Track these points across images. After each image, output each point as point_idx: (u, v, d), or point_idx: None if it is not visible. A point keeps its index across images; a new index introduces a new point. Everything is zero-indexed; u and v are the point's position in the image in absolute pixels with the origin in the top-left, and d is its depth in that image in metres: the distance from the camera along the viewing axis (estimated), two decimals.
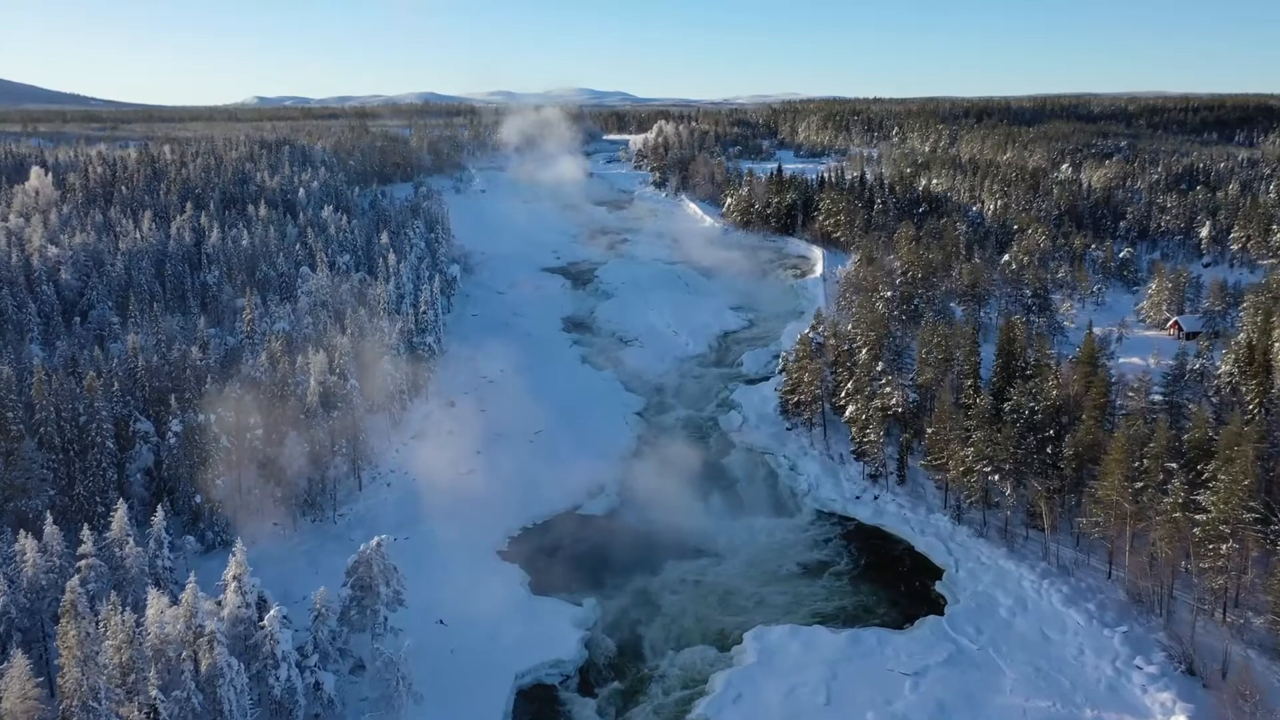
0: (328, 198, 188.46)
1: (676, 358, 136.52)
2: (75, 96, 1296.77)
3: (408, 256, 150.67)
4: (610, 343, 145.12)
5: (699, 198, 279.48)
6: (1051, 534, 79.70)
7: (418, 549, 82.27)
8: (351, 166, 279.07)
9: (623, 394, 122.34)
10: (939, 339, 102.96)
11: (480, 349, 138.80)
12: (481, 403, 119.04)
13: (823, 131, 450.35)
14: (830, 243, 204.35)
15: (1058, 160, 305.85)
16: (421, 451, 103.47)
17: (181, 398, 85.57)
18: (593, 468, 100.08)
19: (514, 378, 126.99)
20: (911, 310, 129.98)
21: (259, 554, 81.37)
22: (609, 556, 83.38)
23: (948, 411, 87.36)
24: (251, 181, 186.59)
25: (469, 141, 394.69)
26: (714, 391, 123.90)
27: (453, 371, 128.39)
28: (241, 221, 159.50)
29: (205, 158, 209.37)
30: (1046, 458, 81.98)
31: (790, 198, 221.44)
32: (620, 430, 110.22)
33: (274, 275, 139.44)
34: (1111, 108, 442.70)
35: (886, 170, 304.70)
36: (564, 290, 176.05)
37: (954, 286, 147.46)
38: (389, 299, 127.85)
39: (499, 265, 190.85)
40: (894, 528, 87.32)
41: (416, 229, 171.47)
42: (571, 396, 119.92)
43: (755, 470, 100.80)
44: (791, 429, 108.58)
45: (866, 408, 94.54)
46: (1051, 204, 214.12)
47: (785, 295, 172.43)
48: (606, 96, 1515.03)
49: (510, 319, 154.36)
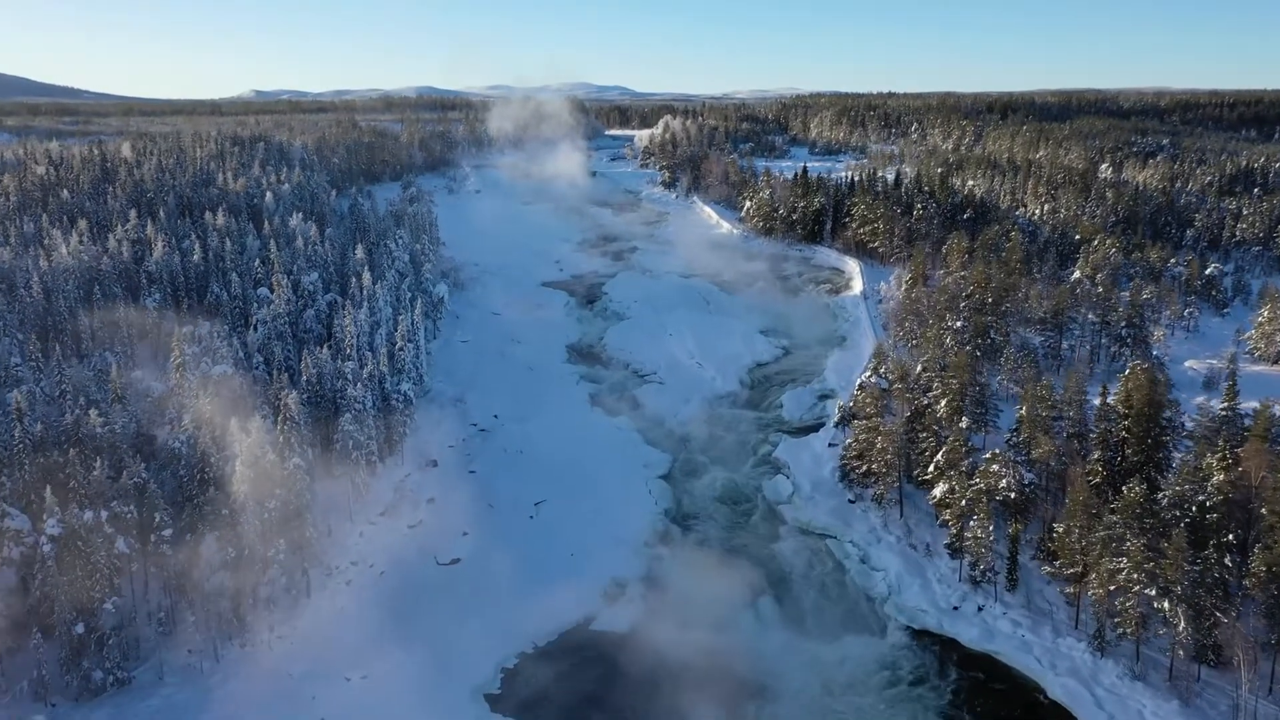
0: (301, 202, 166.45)
1: (703, 398, 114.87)
2: (69, 90, 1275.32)
3: (386, 274, 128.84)
4: (624, 377, 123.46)
5: (713, 199, 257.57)
6: (1249, 683, 58.19)
7: (379, 699, 60.86)
8: (335, 165, 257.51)
9: (642, 448, 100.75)
10: (1043, 393, 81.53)
11: (471, 387, 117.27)
12: (470, 459, 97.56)
13: (837, 127, 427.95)
14: (865, 253, 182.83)
15: (1095, 159, 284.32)
16: (392, 534, 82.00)
17: (64, 487, 64.02)
18: (610, 557, 78.76)
19: (510, 426, 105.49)
20: (988, 344, 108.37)
21: (163, 702, 60.14)
22: (634, 700, 62.08)
23: (1082, 504, 65.90)
24: (213, 184, 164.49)
25: (464, 138, 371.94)
26: (752, 444, 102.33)
27: (436, 418, 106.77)
28: (196, 232, 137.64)
29: (167, 156, 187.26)
30: (1227, 572, 60.66)
31: (818, 201, 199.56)
32: (641, 501, 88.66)
33: (226, 299, 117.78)
34: (1140, 103, 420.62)
35: (911, 169, 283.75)
36: (568, 310, 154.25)
37: (1027, 312, 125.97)
38: (360, 330, 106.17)
39: (494, 280, 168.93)
40: (1012, 658, 65.78)
41: (399, 239, 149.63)
42: (580, 452, 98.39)
43: (816, 562, 79.25)
44: (856, 501, 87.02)
45: (965, 490, 72.94)
46: (1107, 209, 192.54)
47: (821, 316, 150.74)
48: (606, 91, 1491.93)
49: (506, 347, 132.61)
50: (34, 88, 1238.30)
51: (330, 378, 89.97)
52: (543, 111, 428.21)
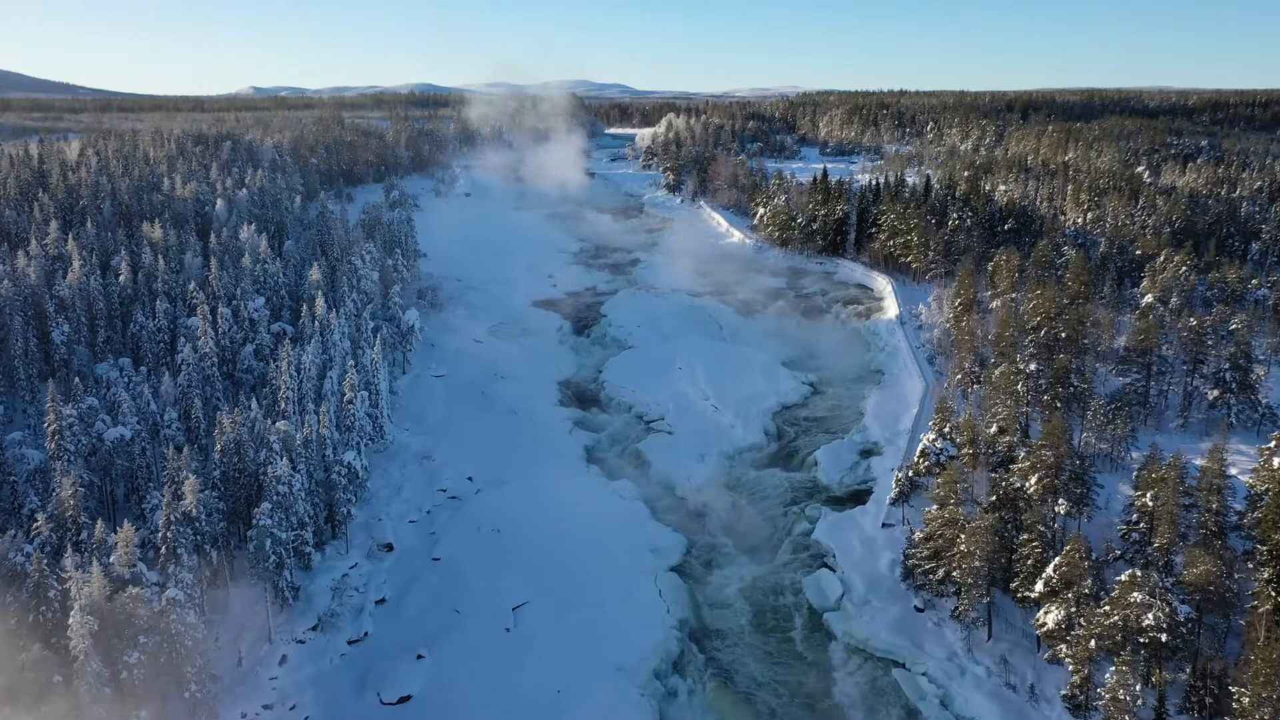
0: (260, 210, 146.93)
1: (721, 453, 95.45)
2: (64, 86, 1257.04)
3: (347, 300, 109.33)
4: (626, 424, 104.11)
5: (721, 205, 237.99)
6: None
7: None
8: (314, 166, 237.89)
9: (648, 525, 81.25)
10: (1172, 473, 62.27)
11: (442, 436, 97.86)
12: (435, 540, 78.17)
13: (848, 126, 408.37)
14: (894, 267, 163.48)
15: (1131, 161, 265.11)
16: (325, 658, 62.68)
17: None
18: (608, 696, 59.50)
19: (487, 494, 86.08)
20: (1069, 392, 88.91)
21: None
22: None
23: (1273, 663, 46.56)
24: (159, 190, 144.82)
25: (455, 135, 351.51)
26: (785, 520, 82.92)
27: (396, 480, 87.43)
28: (129, 246, 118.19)
29: (116, 157, 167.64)
30: None
31: (841, 210, 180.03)
32: (649, 606, 69.13)
33: (150, 330, 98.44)
34: (1166, 103, 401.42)
35: (933, 172, 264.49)
36: (561, 337, 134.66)
37: (1098, 344, 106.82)
38: (305, 374, 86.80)
39: (478, 299, 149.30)
40: None
41: (368, 254, 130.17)
42: (572, 531, 78.91)
43: (880, 704, 59.75)
44: (926, 609, 67.58)
45: (1092, 626, 53.51)
46: (1159, 219, 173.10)
47: (851, 344, 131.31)
48: (605, 89, 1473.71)
49: (489, 384, 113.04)
50: (29, 83, 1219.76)
51: (252, 445, 70.52)
52: (540, 109, 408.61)
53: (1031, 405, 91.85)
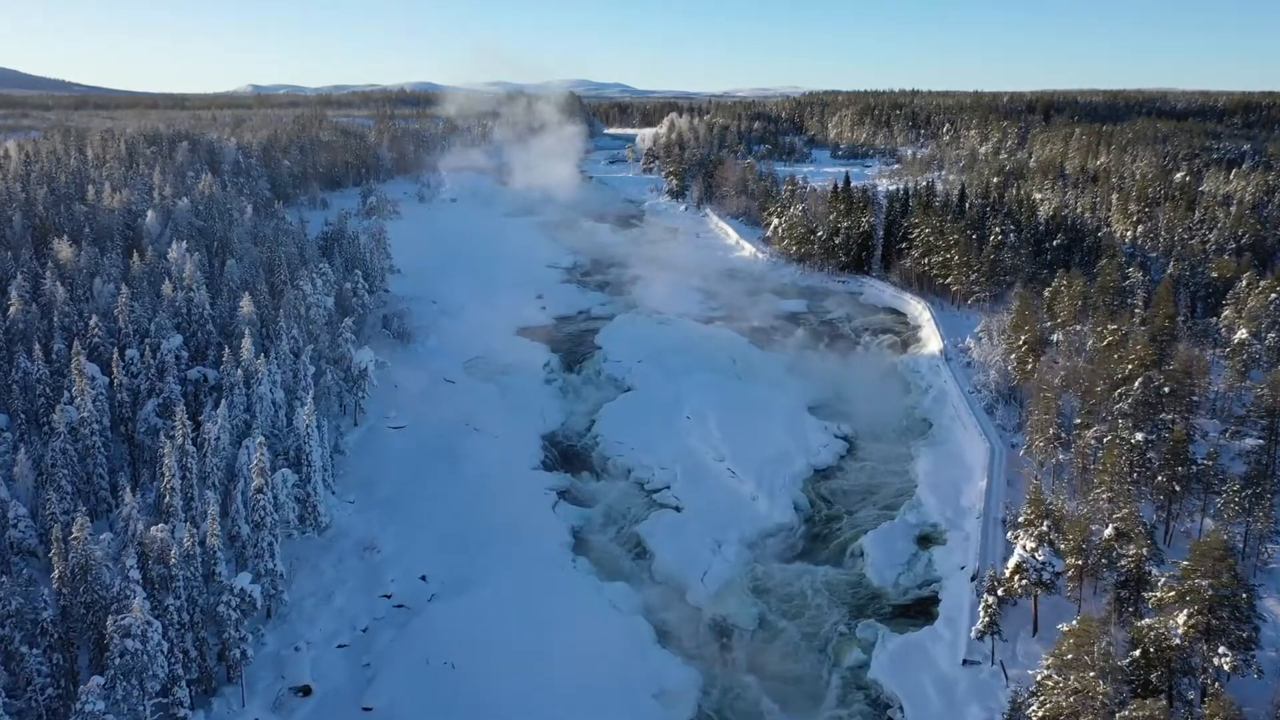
0: (204, 222, 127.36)
1: (742, 538, 76.08)
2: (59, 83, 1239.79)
3: (284, 337, 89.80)
4: (623, 494, 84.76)
5: (729, 213, 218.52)
6: None
7: None
8: (287, 168, 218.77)
9: (652, 653, 61.81)
10: None
11: (393, 514, 78.37)
12: (369, 677, 58.70)
13: (859, 128, 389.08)
14: (928, 287, 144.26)
15: (1169, 167, 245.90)
16: None
17: None
18: None
19: (442, 605, 66.59)
20: (1189, 471, 69.53)
21: None
22: None
23: None
24: (83, 199, 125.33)
25: (442, 136, 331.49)
26: (830, 643, 63.59)
27: (328, 583, 68.07)
28: (27, 270, 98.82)
29: (46, 160, 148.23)
30: None
31: (866, 222, 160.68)
32: None
33: (29, 381, 79.06)
34: (1193, 104, 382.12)
35: (955, 177, 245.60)
36: (549, 374, 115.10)
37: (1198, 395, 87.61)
38: (210, 447, 67.54)
39: (455, 325, 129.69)
40: None
41: (321, 276, 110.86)
42: (551, 670, 59.35)
43: None
44: None
45: None
46: (1223, 234, 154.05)
47: (888, 384, 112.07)
48: (605, 88, 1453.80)
49: (457, 440, 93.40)
50: (26, 80, 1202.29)
51: (108, 567, 51.11)
52: (535, 107, 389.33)
53: (1138, 484, 72.49)
